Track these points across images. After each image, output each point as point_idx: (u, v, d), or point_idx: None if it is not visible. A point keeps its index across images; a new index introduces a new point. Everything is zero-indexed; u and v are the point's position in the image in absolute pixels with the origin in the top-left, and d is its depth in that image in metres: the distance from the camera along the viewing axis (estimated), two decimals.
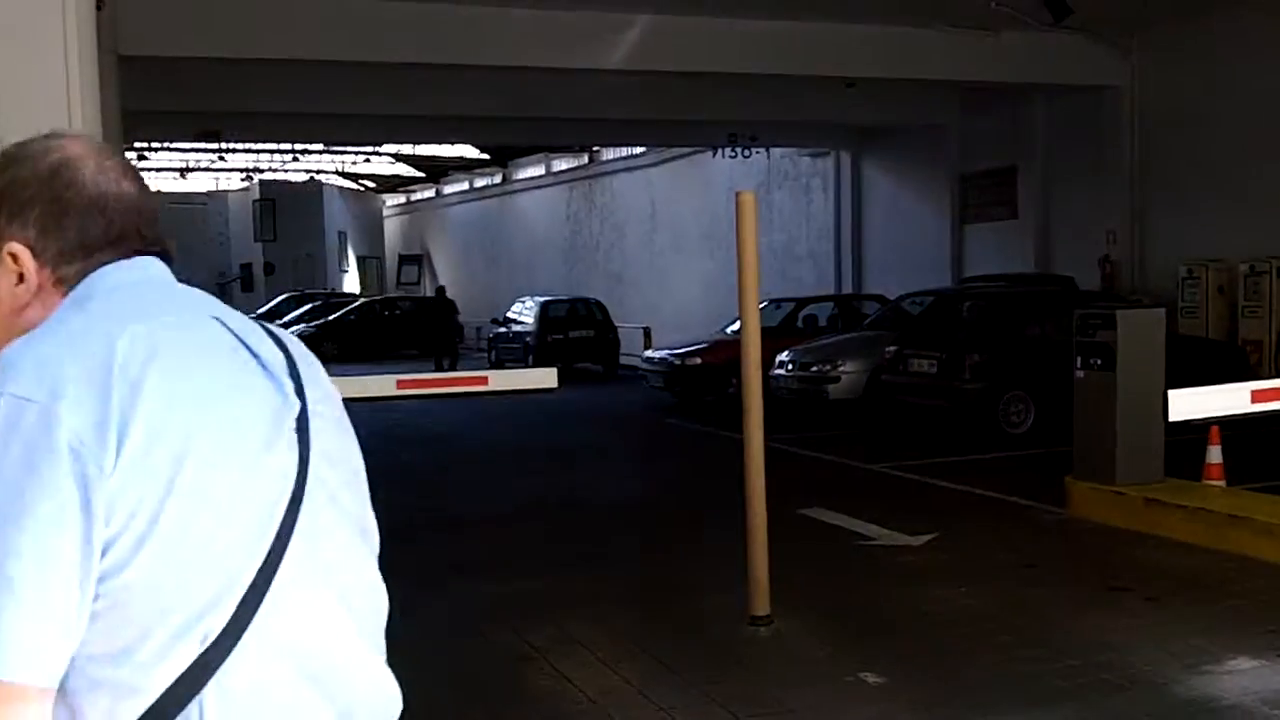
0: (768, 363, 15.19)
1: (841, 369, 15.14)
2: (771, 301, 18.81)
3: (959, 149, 21.17)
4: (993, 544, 7.97)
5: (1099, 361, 8.52)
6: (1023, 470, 10.82)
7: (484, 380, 7.05)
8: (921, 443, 12.88)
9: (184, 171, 39.59)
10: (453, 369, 24.45)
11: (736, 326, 17.97)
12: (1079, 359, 8.72)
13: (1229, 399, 5.23)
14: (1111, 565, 7.25)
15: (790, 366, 15.56)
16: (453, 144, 29.73)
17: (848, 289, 23.32)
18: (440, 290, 27.68)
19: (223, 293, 46.59)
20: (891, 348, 13.99)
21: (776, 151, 25.40)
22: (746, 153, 24.19)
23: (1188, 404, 5.05)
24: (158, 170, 38.57)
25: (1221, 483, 8.46)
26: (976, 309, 13.69)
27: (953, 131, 21.20)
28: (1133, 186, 17.61)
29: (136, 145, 27.80)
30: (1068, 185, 18.94)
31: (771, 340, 13.13)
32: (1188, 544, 7.61)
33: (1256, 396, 5.32)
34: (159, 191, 43.10)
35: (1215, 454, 8.58)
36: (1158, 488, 8.32)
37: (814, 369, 15.32)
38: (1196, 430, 8.22)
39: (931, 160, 21.79)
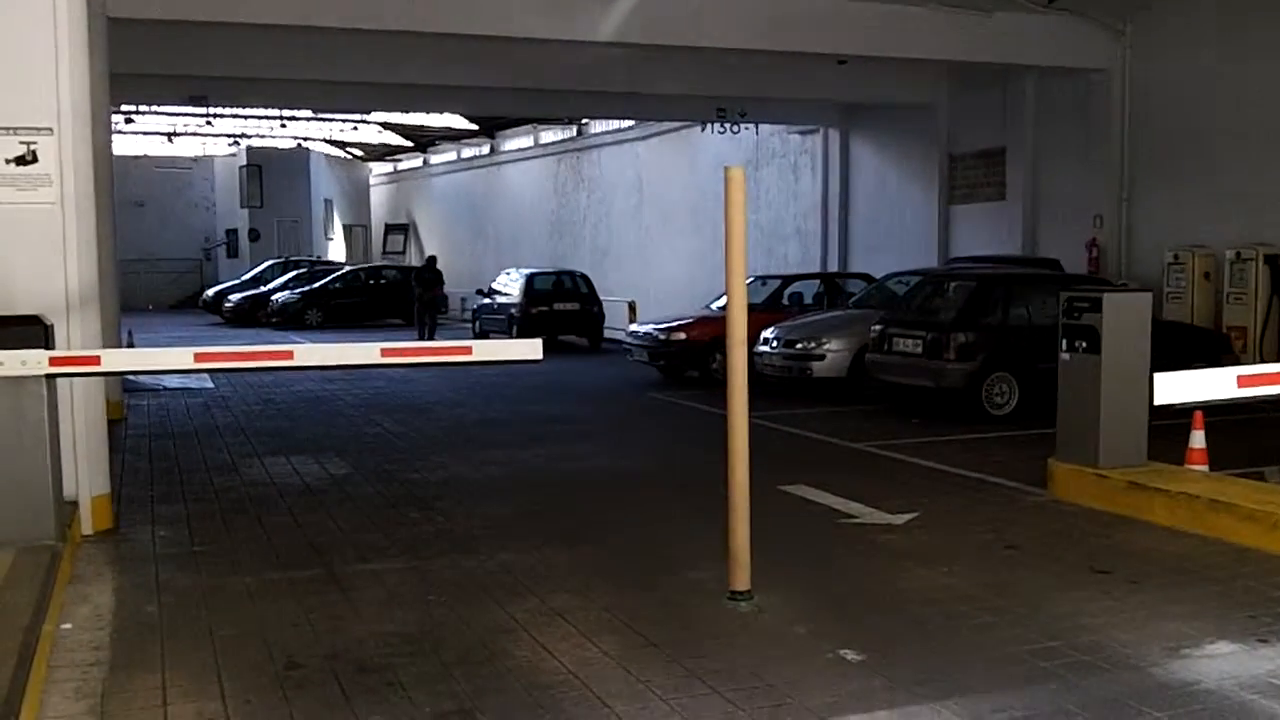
0: (752, 339, 15.20)
1: (826, 347, 15.14)
2: (758, 278, 18.79)
3: (948, 129, 21.15)
4: (974, 524, 7.97)
5: (1084, 344, 8.52)
6: (1006, 451, 10.85)
7: (468, 350, 6.98)
8: (905, 422, 12.89)
9: (171, 136, 39.28)
10: (430, 338, 24.37)
11: (722, 302, 17.93)
12: (1064, 341, 8.72)
13: (1216, 384, 5.22)
14: (1093, 548, 7.26)
15: (775, 344, 15.56)
16: (441, 113, 29.54)
17: (834, 267, 23.31)
18: (431, 260, 27.59)
19: (208, 258, 46.50)
20: (877, 327, 13.98)
21: (765, 129, 25.33)
22: (735, 128, 24.11)
23: (1174, 388, 5.04)
24: (145, 134, 38.25)
25: (1204, 467, 8.49)
26: (963, 290, 13.67)
27: (942, 111, 21.17)
28: (1121, 170, 17.61)
29: (124, 108, 27.57)
30: (1056, 167, 18.94)
31: (757, 317, 13.13)
32: (1170, 528, 7.63)
33: (1243, 381, 5.31)
34: (145, 155, 42.81)
35: (1199, 439, 8.61)
36: (1140, 471, 8.33)
37: (799, 346, 15.31)
38: (1177, 415, 8.22)
39: (920, 140, 21.76)
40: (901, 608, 6.06)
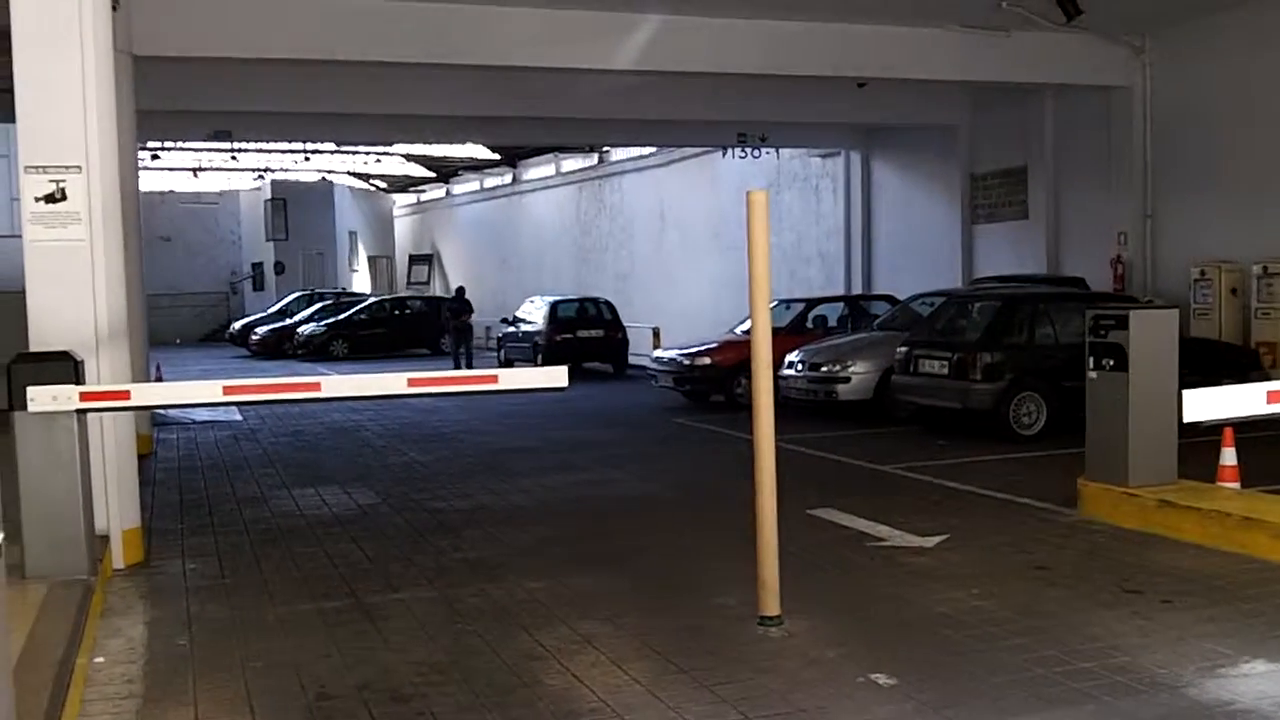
0: (777, 363, 15.14)
1: (851, 369, 15.10)
2: (781, 302, 18.78)
3: (969, 149, 21.14)
4: (1004, 545, 7.92)
5: (1111, 362, 8.48)
6: (1034, 471, 10.78)
7: (493, 379, 7.00)
8: (932, 443, 12.83)
9: (196, 171, 39.63)
10: (468, 366, 24.61)
11: (746, 326, 17.99)
12: (1091, 360, 8.68)
13: (1245, 400, 5.17)
14: (1124, 567, 7.20)
15: (800, 367, 15.53)
16: (463, 144, 29.72)
17: (857, 289, 23.29)
18: (460, 290, 27.95)
19: (235, 291, 46.85)
20: (902, 348, 13.95)
21: (786, 152, 25.36)
22: (756, 153, 24.15)
23: (1204, 405, 4.99)
24: (171, 170, 38.61)
25: (1236, 485, 8.42)
26: (988, 309, 13.63)
27: (963, 131, 21.17)
28: (1145, 186, 17.54)
29: (150, 145, 27.85)
30: (1079, 185, 18.89)
31: (781, 340, 13.12)
32: (1202, 546, 7.56)
33: (1273, 397, 5.25)
34: (172, 191, 43.22)
35: (1229, 456, 8.54)
36: (1171, 489, 8.27)
37: (824, 369, 15.28)
38: (1206, 432, 8.15)
39: (942, 160, 21.75)
40: (932, 631, 6.03)
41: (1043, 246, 19.45)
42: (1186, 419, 5.14)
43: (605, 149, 31.54)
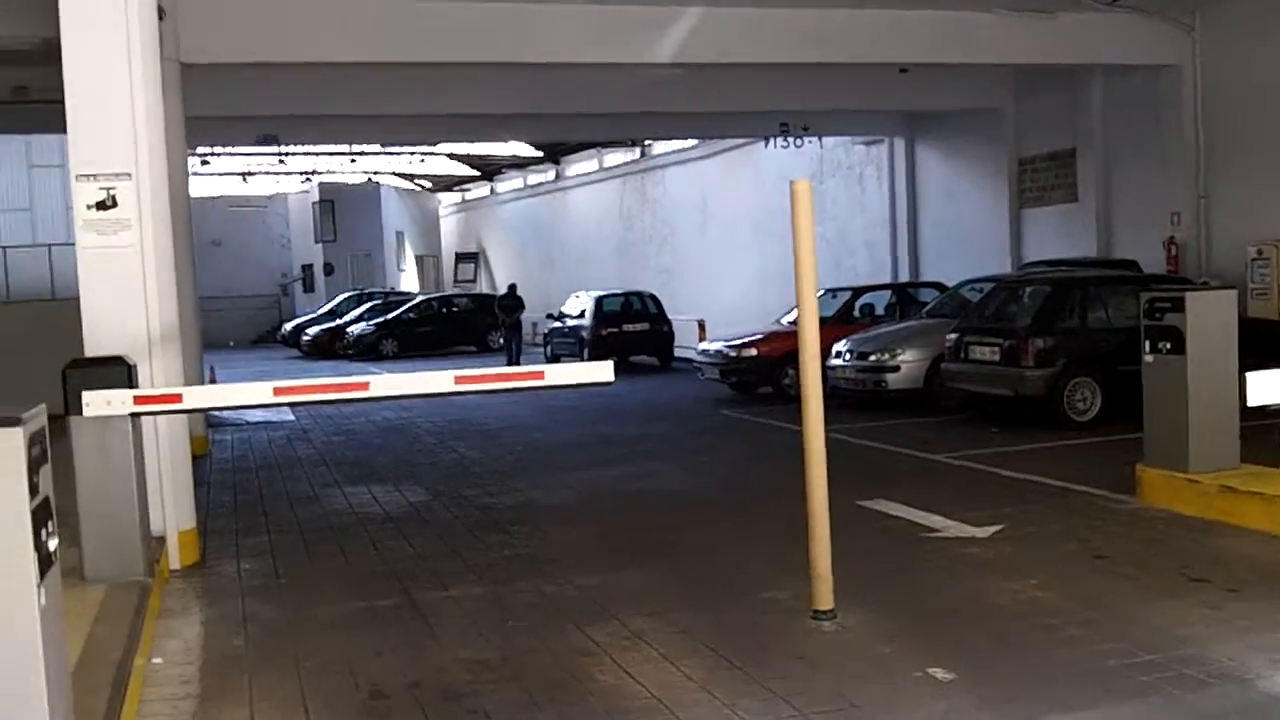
0: (825, 353, 15.05)
1: (900, 358, 14.96)
2: (827, 291, 18.63)
3: (1016, 132, 20.87)
4: (1061, 534, 7.80)
5: (1168, 345, 8.32)
6: (1090, 458, 10.62)
7: (540, 375, 6.97)
8: (984, 431, 12.69)
9: (246, 175, 40.06)
10: (517, 361, 24.78)
11: (792, 317, 17.82)
12: (1147, 343, 8.52)
13: None
14: (1187, 555, 7.06)
15: (848, 356, 15.41)
16: (506, 141, 29.79)
17: (904, 277, 23.08)
18: (511, 287, 28.19)
19: (285, 293, 47.30)
20: (952, 335, 13.79)
21: (829, 140, 25.17)
22: (799, 142, 23.96)
23: (1269, 386, 4.87)
24: (221, 175, 39.04)
25: None
26: (1039, 294, 13.44)
27: (1009, 114, 20.90)
28: (1197, 166, 17.23)
29: (200, 150, 28.17)
30: (1129, 166, 18.60)
31: (828, 330, 13.01)
32: (1267, 533, 7.39)
33: None
34: (222, 195, 43.70)
35: None
36: (1233, 475, 8.10)
37: (872, 358, 15.15)
38: (1270, 415, 7.99)
39: (988, 144, 21.48)
40: (990, 622, 5.94)
41: (1093, 229, 19.17)
42: (1251, 402, 5.03)
43: (647, 142, 31.49)
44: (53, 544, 3.48)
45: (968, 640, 5.66)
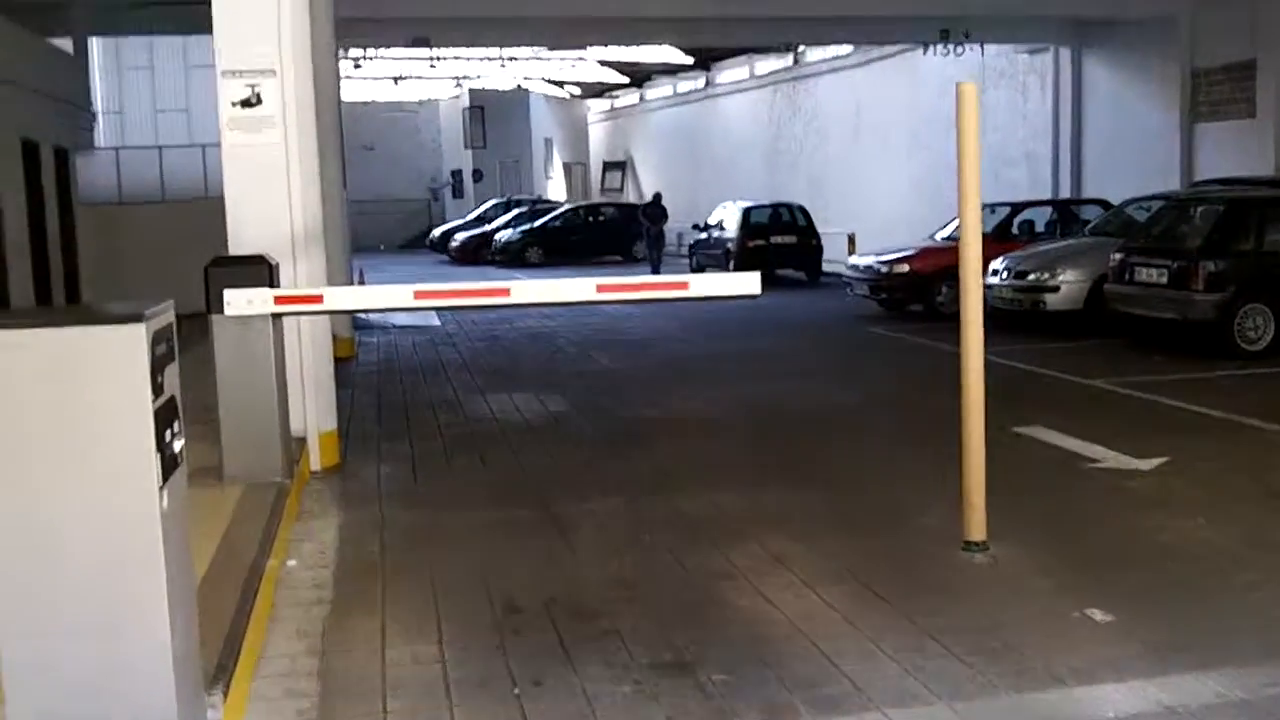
0: (983, 270, 14.47)
1: (1061, 278, 14.31)
2: (986, 206, 17.81)
3: (1190, 42, 19.57)
4: (1231, 470, 7.31)
5: None
6: (1262, 389, 10.02)
7: (685, 285, 6.74)
8: (1148, 358, 12.05)
9: (397, 80, 40.34)
10: (657, 271, 24.64)
11: (946, 233, 17.21)
12: None
13: None
14: None
15: (1005, 275, 14.79)
16: (657, 45, 29.29)
17: (1065, 193, 22.08)
18: (657, 196, 27.95)
19: (435, 198, 47.90)
20: (1117, 255, 13.11)
21: (991, 49, 24.06)
22: (959, 50, 22.96)
23: None
24: (373, 79, 39.38)
25: None
26: (1212, 214, 12.64)
27: (1183, 23, 19.60)
28: None
29: (352, 53, 28.37)
30: None
31: (986, 246, 12.43)
32: None
33: None
34: (374, 100, 44.20)
35: None
36: None
37: (1031, 277, 14.52)
38: None
39: (1159, 55, 20.22)
40: (1153, 562, 5.56)
41: (1271, 148, 17.93)
42: None
43: (801, 49, 30.63)
44: (178, 445, 3.40)
45: (1129, 580, 5.31)
